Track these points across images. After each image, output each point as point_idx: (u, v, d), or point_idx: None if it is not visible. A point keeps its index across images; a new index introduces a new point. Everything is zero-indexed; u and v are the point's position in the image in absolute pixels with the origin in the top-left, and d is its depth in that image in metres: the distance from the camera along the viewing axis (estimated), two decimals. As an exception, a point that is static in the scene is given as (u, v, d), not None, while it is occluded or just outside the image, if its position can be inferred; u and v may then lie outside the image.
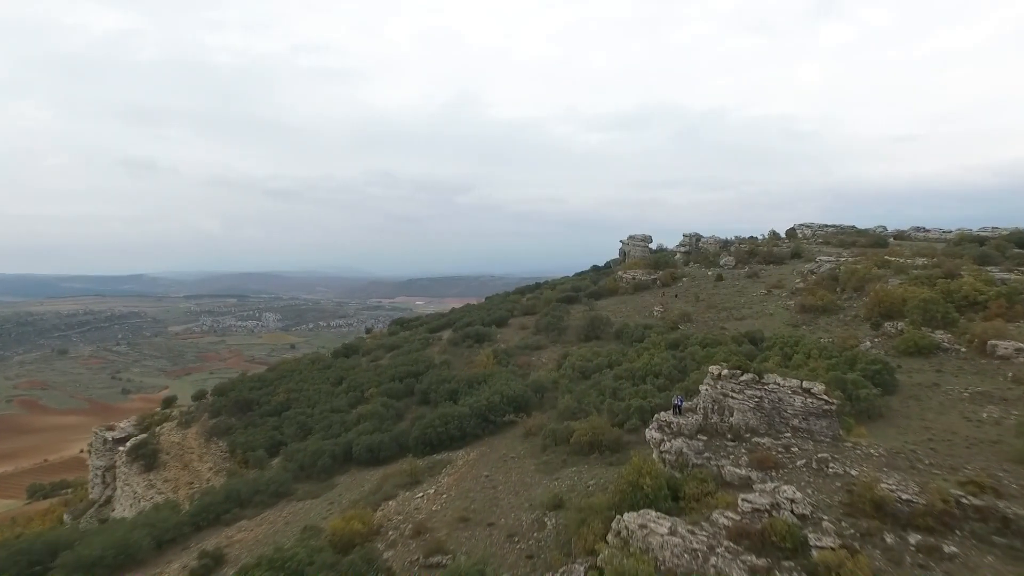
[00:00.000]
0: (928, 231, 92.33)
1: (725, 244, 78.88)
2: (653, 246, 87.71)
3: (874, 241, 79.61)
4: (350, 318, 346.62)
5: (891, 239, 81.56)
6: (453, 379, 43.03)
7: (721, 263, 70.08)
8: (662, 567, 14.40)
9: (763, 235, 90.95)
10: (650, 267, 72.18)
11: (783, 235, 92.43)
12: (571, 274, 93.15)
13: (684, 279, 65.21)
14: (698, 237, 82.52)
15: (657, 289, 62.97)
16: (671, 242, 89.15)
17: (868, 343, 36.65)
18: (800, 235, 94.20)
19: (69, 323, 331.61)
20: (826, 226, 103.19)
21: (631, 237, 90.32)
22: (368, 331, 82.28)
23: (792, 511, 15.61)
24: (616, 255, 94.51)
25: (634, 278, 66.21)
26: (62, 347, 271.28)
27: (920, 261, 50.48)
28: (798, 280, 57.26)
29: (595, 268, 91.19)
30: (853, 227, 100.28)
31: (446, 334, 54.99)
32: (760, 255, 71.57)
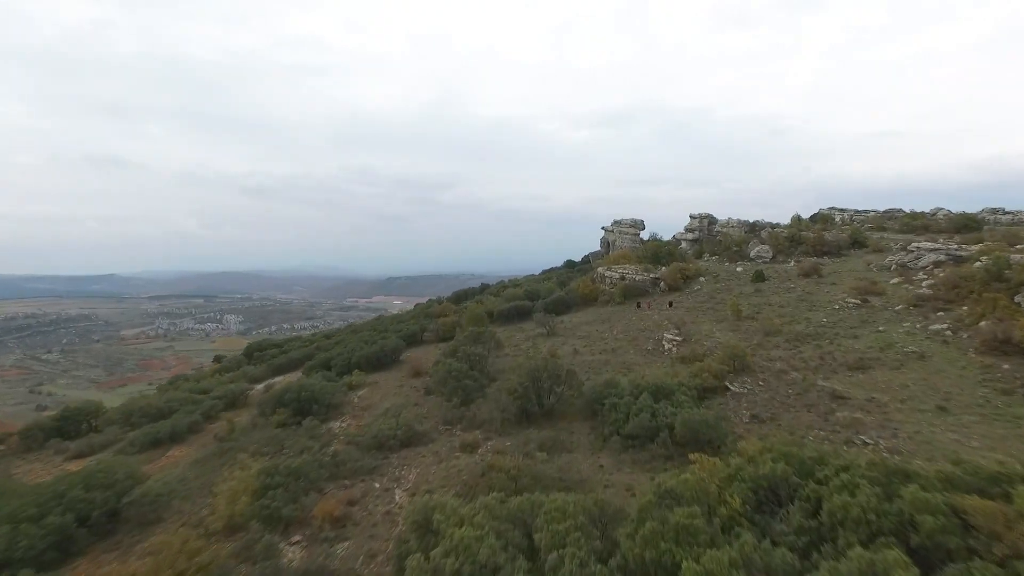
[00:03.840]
0: (1010, 213, 70.14)
1: (753, 228, 55.42)
2: (646, 235, 64.43)
3: (960, 225, 57.53)
4: (318, 320, 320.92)
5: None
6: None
7: (752, 255, 46.80)
8: None
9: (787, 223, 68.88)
10: (647, 261, 48.77)
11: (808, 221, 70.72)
12: (538, 271, 69.62)
13: (702, 279, 41.57)
14: (711, 220, 59.04)
15: (659, 295, 39.52)
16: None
17: None
18: (838, 220, 72.14)
19: (7, 327, 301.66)
20: (859, 211, 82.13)
21: (617, 223, 66.96)
22: (217, 360, 58.59)
23: None
24: (598, 247, 71.22)
25: (623, 277, 42.63)
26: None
27: None
28: (896, 279, 34.12)
29: (569, 264, 67.34)
30: (900, 210, 79.06)
31: (292, 378, 30.98)
32: (807, 244, 48.64)
